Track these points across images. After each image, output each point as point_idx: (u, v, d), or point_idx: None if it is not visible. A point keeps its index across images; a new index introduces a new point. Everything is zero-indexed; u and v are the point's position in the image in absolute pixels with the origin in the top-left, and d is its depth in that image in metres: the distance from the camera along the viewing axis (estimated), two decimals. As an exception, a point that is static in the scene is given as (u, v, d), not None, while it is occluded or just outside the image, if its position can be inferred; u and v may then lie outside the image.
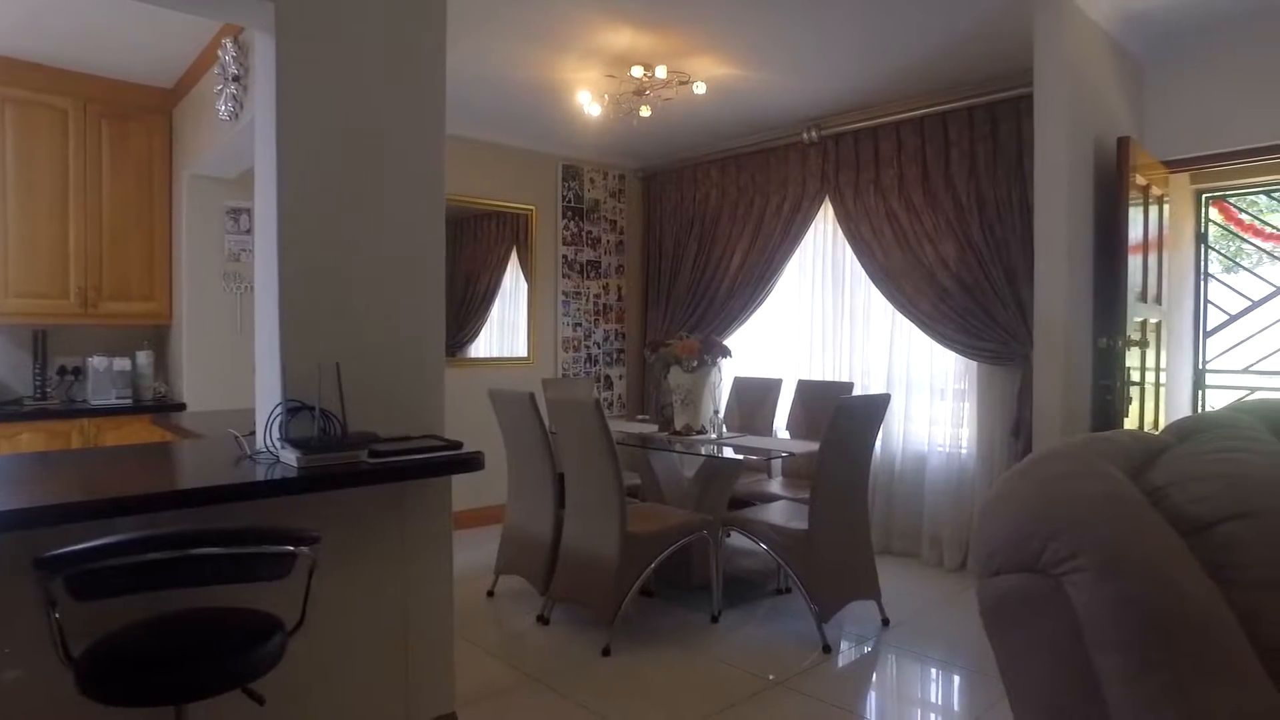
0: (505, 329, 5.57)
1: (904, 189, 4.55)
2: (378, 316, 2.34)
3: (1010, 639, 0.93)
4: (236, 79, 3.25)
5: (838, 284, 4.99)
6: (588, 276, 5.92)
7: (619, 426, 4.30)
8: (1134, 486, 0.97)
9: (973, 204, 4.26)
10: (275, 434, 2.12)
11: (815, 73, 4.26)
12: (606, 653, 3.18)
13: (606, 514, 3.25)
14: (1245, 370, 4.74)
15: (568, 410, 3.39)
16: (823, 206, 5.01)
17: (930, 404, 4.55)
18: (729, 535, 3.69)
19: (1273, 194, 4.66)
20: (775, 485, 4.37)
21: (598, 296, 5.98)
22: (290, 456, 2.04)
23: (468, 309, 5.44)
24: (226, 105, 3.34)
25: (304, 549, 1.63)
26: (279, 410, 2.13)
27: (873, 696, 3.03)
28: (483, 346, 5.48)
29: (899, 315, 4.58)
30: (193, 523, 1.62)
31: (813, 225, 5.07)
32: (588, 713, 2.72)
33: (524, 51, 3.97)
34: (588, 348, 5.92)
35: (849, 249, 4.82)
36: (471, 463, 2.21)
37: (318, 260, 2.22)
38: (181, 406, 4.30)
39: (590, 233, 5.92)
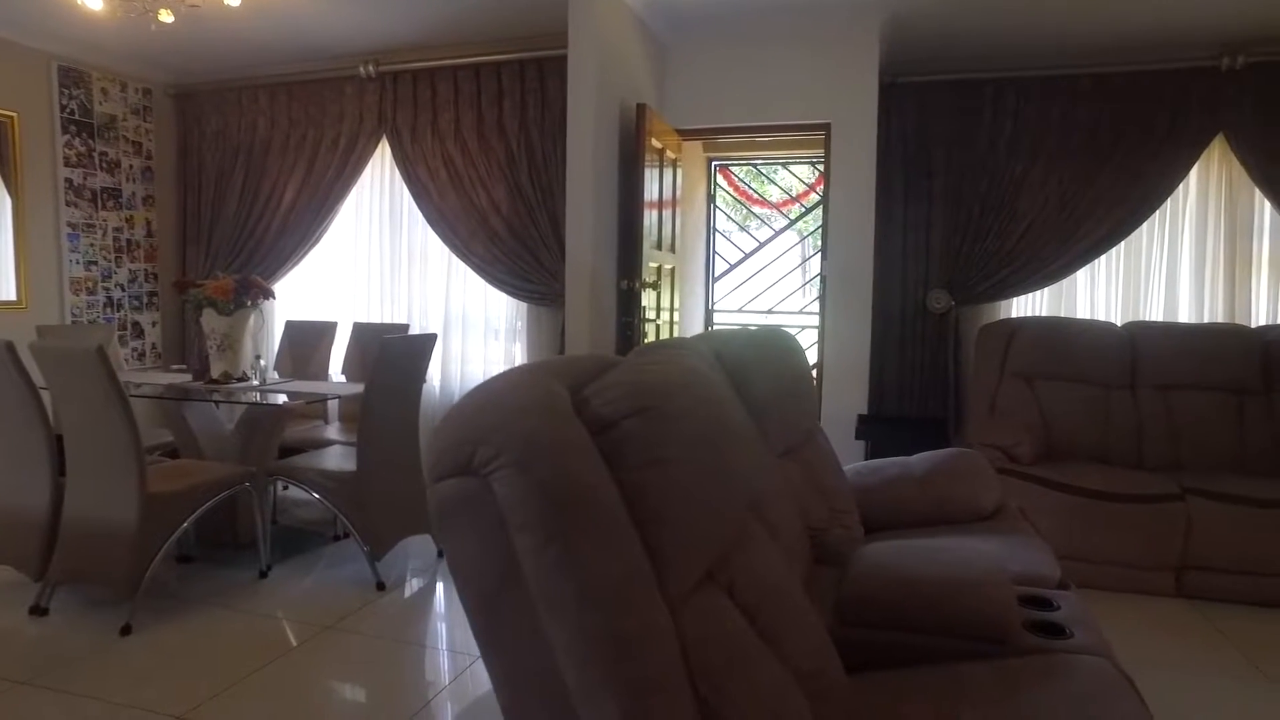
0: (-15, 266, 4.51)
1: (460, 134, 4.64)
2: None
3: (454, 535, 1.04)
4: None
5: (395, 225, 4.95)
6: (105, 206, 5.02)
7: (148, 378, 3.80)
8: (565, 397, 1.14)
9: (523, 153, 4.50)
10: None
11: (369, 4, 4.09)
12: (127, 631, 2.83)
13: (121, 475, 2.85)
14: (740, 310, 5.82)
15: (62, 360, 2.88)
16: (380, 145, 4.89)
17: (485, 343, 4.79)
18: (286, 487, 3.51)
19: (756, 166, 5.73)
20: (333, 431, 4.25)
21: (119, 230, 5.12)
22: None
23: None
24: None
25: None
26: None
27: (428, 624, 3.15)
28: (-51, 288, 4.37)
29: (455, 258, 4.70)
30: None
31: (370, 164, 4.93)
32: (99, 705, 2.39)
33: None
34: (107, 290, 5.06)
35: (407, 190, 4.79)
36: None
37: None
38: None
39: (106, 155, 5.02)
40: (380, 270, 5.01)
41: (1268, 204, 4.21)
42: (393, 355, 3.26)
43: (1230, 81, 4.12)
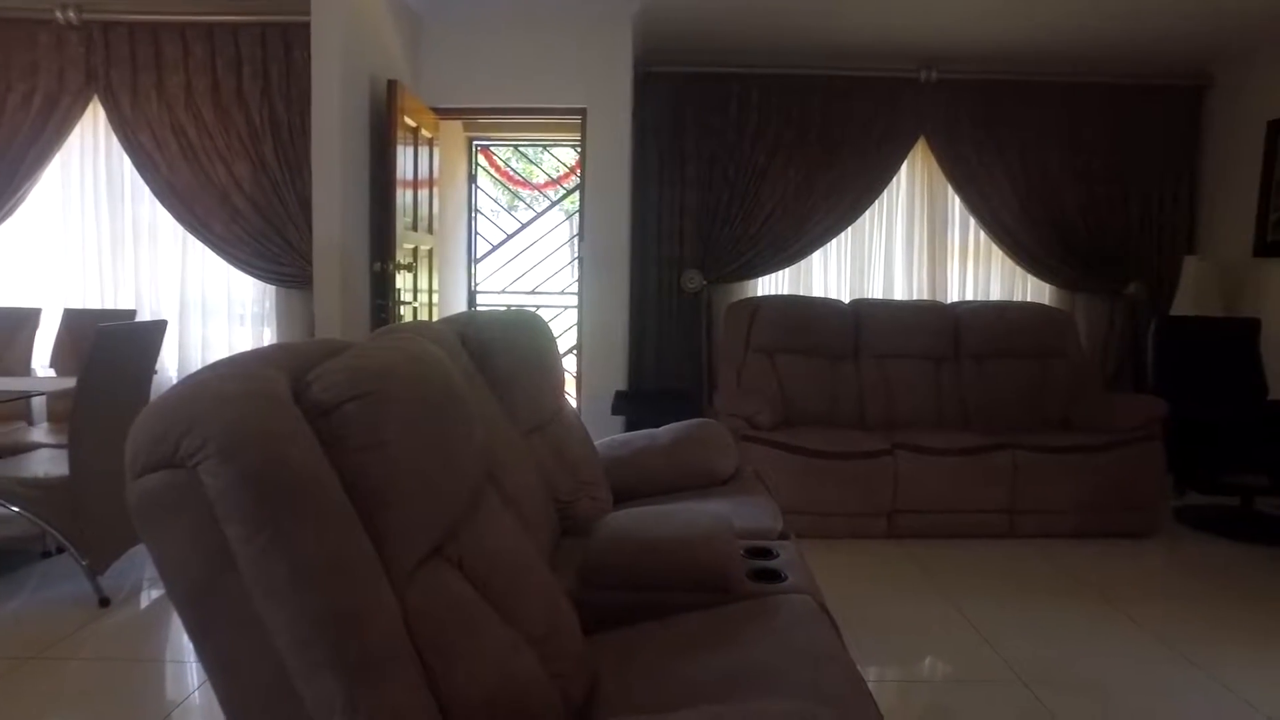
0: None
1: (193, 101, 4.24)
2: None
3: (159, 532, 0.99)
4: None
5: (115, 198, 4.43)
6: None
7: None
8: (281, 383, 1.12)
9: (267, 126, 4.20)
10: None
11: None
12: None
13: None
14: (504, 291, 5.84)
15: None
16: (92, 107, 4.33)
17: (229, 329, 4.44)
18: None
19: (518, 147, 5.75)
20: (40, 433, 3.75)
21: None
22: None
23: None
24: None
25: None
26: None
27: (165, 636, 2.88)
28: None
29: (191, 236, 4.31)
30: None
31: (79, 128, 4.35)
32: None
33: None
34: None
35: (127, 160, 4.29)
36: None
37: None
38: None
39: None
40: (99, 249, 4.45)
41: (958, 200, 4.92)
42: (111, 345, 2.92)
43: (927, 92, 4.76)
